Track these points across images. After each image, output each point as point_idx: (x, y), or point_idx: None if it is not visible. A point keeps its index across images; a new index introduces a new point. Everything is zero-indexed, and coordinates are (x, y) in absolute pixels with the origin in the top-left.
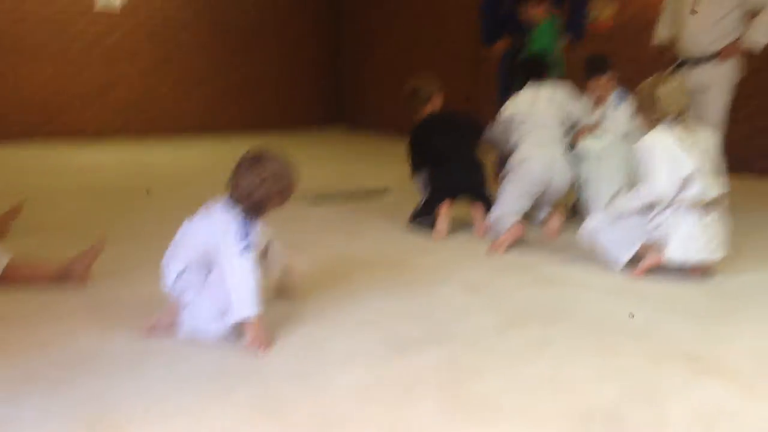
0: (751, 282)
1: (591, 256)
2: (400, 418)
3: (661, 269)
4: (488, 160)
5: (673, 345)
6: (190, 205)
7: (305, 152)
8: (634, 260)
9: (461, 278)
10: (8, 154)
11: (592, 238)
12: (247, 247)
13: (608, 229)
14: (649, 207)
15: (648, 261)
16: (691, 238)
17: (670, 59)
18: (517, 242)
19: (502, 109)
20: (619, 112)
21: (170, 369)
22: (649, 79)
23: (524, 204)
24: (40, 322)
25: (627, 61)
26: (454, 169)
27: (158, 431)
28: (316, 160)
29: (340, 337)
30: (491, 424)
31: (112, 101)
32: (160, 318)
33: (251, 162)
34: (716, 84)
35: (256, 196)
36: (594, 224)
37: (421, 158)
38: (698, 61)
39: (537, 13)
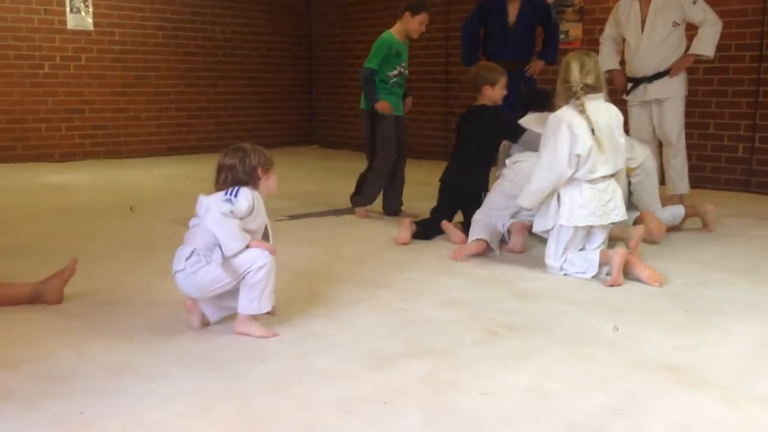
0: (725, 294)
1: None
2: (383, 431)
3: (635, 281)
4: None
5: (652, 356)
6: (161, 224)
7: (279, 172)
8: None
9: (439, 293)
10: None
11: (561, 272)
12: (228, 201)
13: (569, 261)
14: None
15: (615, 263)
16: (579, 205)
17: (621, 82)
18: (481, 254)
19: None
20: None
21: (148, 387)
22: (572, 52)
23: (509, 208)
24: (14, 341)
25: None
26: (451, 169)
27: None
28: (289, 179)
29: (321, 352)
30: None
31: (81, 124)
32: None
33: (224, 152)
34: (671, 97)
35: (246, 167)
36: (553, 263)
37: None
38: (651, 78)
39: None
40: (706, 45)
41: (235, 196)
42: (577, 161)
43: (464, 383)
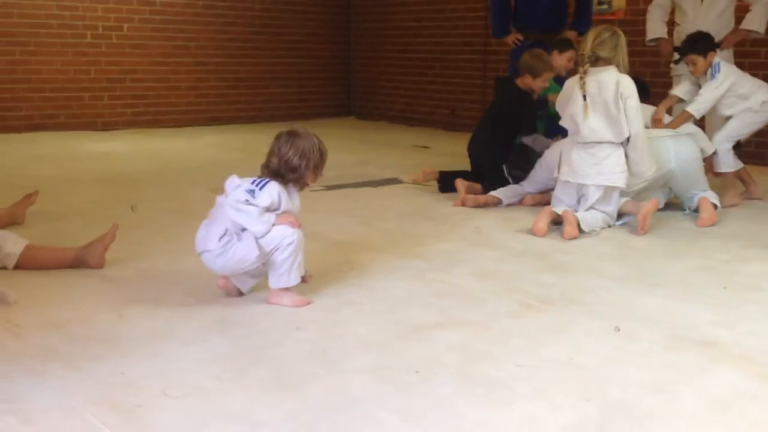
0: (765, 271)
1: (605, 245)
2: (414, 399)
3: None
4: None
5: (689, 331)
6: (200, 192)
7: None
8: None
9: (474, 264)
10: (18, 145)
11: None
12: (250, 192)
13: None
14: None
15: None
16: (565, 162)
17: (668, 50)
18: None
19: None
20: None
21: (186, 350)
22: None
23: (544, 183)
24: (57, 304)
25: (635, 54)
26: (470, 142)
27: (177, 410)
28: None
29: (355, 320)
30: (505, 406)
31: (122, 93)
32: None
33: (288, 136)
34: None
35: (292, 165)
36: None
37: None
38: None
39: (560, 65)
40: (759, 21)
41: (260, 189)
42: (575, 125)
43: (497, 354)
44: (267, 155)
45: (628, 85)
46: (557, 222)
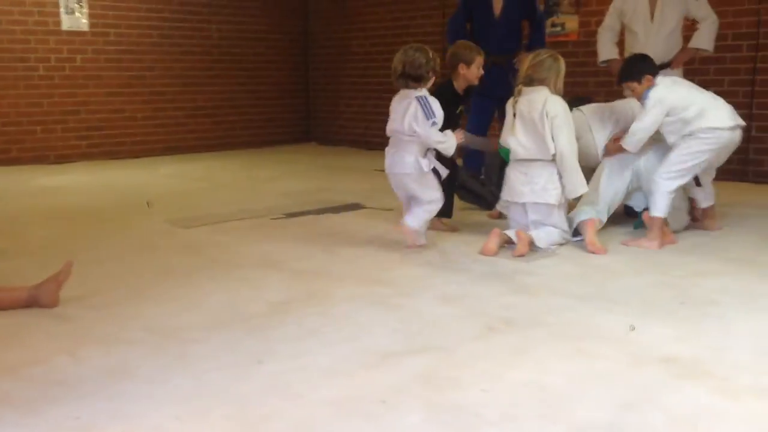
0: (722, 285)
1: (566, 264)
2: (381, 429)
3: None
4: None
5: (651, 349)
6: (158, 224)
7: (277, 170)
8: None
9: (438, 289)
10: None
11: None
12: (434, 124)
13: None
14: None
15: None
16: (506, 181)
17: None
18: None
19: None
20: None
21: (145, 390)
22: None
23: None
24: (10, 346)
25: (589, 75)
26: None
27: None
28: (287, 177)
29: (319, 350)
30: None
31: (76, 125)
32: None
33: (408, 48)
34: None
35: (418, 64)
36: None
37: None
38: None
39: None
40: (707, 39)
41: (434, 115)
42: (506, 141)
43: (464, 380)
44: (393, 69)
45: (555, 105)
46: (510, 242)
